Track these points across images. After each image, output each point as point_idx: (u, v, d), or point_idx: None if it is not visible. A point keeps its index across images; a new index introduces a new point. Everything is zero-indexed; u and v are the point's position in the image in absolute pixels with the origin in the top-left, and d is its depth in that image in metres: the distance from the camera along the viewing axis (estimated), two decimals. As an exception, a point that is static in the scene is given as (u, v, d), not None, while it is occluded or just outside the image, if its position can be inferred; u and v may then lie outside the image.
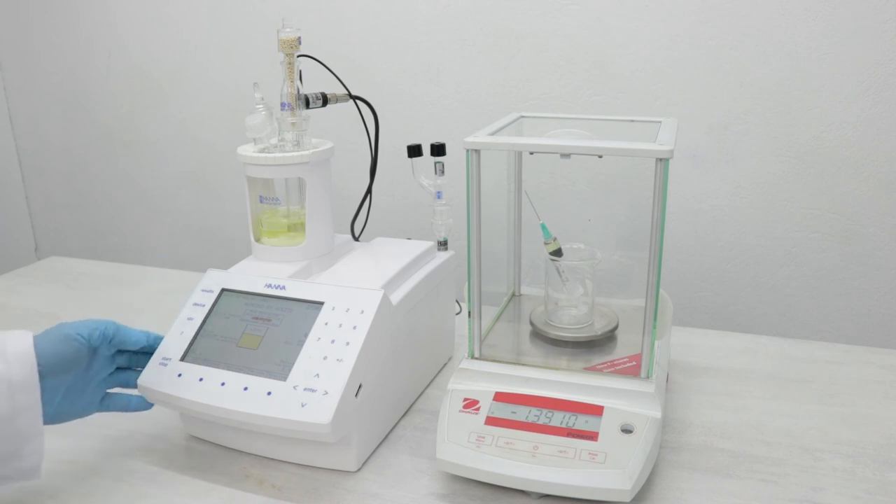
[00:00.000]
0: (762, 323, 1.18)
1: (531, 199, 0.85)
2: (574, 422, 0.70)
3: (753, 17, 1.06)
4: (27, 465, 0.64)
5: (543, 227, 0.83)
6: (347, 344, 0.71)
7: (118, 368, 0.75)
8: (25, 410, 0.62)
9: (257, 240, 0.89)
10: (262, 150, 0.85)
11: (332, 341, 0.72)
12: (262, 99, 0.86)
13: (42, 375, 0.64)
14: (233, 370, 0.73)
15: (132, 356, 0.77)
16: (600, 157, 0.70)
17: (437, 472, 0.73)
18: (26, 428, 0.63)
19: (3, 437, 0.62)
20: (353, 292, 0.76)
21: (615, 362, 0.77)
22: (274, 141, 0.87)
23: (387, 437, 0.80)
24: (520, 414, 0.72)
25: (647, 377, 0.73)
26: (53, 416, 0.67)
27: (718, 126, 1.12)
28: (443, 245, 0.94)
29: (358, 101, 0.94)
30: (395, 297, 0.79)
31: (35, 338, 0.66)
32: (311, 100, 0.87)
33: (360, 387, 0.71)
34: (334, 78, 0.93)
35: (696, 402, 0.86)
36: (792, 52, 1.06)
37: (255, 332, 0.75)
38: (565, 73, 1.17)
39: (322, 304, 0.76)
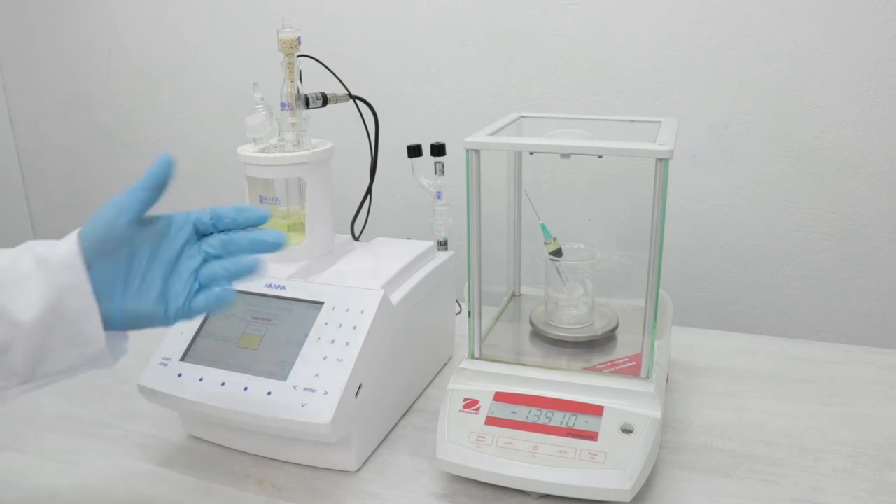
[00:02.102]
0: (762, 323, 1.18)
1: (531, 199, 0.85)
2: (574, 422, 0.70)
3: (753, 17, 1.06)
4: (91, 351, 0.57)
5: (543, 227, 0.83)
6: (347, 344, 0.71)
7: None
8: (70, 289, 0.56)
9: (257, 240, 0.89)
10: (262, 150, 0.85)
11: (332, 341, 0.72)
12: (262, 99, 0.86)
13: (91, 252, 0.57)
14: (233, 370, 0.73)
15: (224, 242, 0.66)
16: (600, 157, 0.70)
17: (437, 472, 0.73)
18: (77, 308, 0.56)
19: (55, 321, 0.56)
20: (353, 292, 0.76)
21: (615, 362, 0.77)
22: (274, 141, 0.87)
23: (387, 437, 0.80)
24: (520, 414, 0.72)
25: (647, 377, 0.73)
26: (124, 312, 0.58)
27: (718, 126, 1.12)
28: (443, 245, 0.94)
29: (358, 101, 0.94)
30: (395, 297, 0.79)
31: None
32: (311, 100, 0.87)
33: (360, 387, 0.71)
34: (334, 78, 0.93)
35: (696, 402, 0.86)
36: (792, 52, 1.06)
37: (255, 331, 0.75)
38: (565, 73, 1.17)
39: (322, 304, 0.75)
